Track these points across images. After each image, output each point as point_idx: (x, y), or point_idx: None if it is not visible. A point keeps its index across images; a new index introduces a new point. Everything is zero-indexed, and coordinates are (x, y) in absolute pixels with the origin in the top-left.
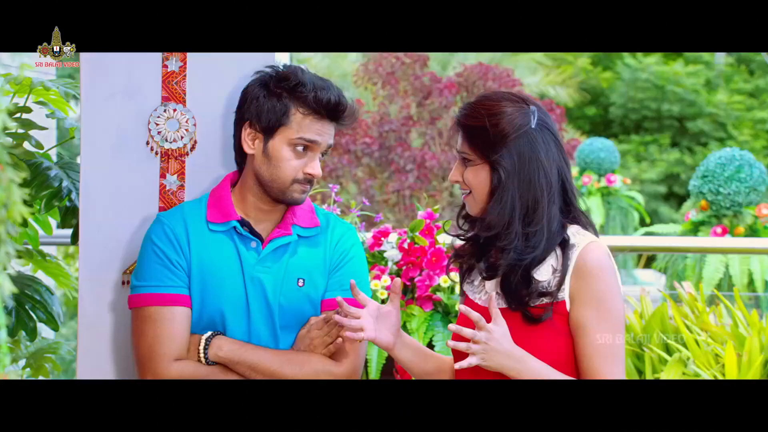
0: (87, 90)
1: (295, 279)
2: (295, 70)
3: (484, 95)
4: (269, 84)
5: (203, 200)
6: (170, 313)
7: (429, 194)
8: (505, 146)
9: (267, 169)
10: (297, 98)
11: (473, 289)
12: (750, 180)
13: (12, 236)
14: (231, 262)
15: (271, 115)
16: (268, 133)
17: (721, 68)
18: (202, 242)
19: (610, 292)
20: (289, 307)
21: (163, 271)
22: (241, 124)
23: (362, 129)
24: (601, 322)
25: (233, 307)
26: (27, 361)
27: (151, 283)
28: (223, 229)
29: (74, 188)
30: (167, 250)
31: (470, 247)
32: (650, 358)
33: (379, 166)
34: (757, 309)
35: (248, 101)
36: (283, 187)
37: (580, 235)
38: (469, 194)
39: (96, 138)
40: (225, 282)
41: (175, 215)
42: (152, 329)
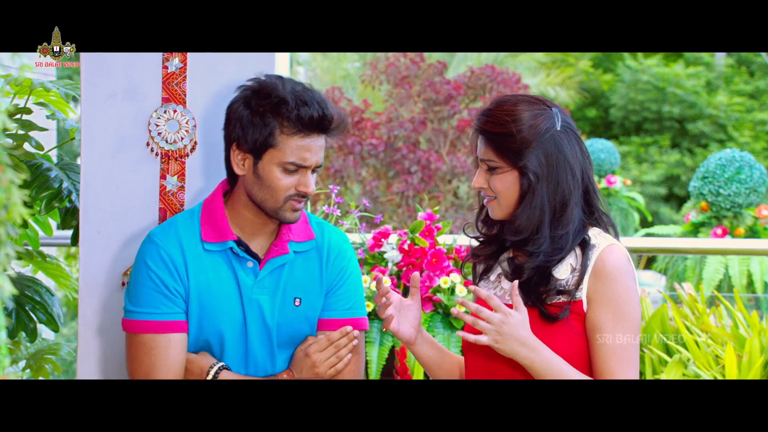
0: (87, 91)
1: (292, 298)
2: (275, 83)
3: (502, 100)
4: (251, 102)
5: (195, 215)
6: (166, 341)
7: (432, 196)
8: (532, 150)
9: (259, 189)
10: (280, 117)
11: (488, 285)
12: (750, 181)
13: (12, 237)
14: (228, 284)
15: (257, 137)
16: (256, 155)
17: (721, 70)
18: (198, 263)
19: (627, 296)
20: (287, 326)
21: (159, 298)
22: (229, 144)
23: (368, 130)
24: (617, 325)
25: (231, 329)
26: (27, 362)
27: (146, 310)
28: (219, 249)
29: (74, 189)
30: (163, 275)
31: (487, 247)
32: (650, 359)
33: (384, 167)
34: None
35: (233, 121)
36: (276, 207)
37: (601, 237)
38: (493, 200)
39: (96, 139)
40: (223, 304)
41: (169, 236)
42: (148, 357)
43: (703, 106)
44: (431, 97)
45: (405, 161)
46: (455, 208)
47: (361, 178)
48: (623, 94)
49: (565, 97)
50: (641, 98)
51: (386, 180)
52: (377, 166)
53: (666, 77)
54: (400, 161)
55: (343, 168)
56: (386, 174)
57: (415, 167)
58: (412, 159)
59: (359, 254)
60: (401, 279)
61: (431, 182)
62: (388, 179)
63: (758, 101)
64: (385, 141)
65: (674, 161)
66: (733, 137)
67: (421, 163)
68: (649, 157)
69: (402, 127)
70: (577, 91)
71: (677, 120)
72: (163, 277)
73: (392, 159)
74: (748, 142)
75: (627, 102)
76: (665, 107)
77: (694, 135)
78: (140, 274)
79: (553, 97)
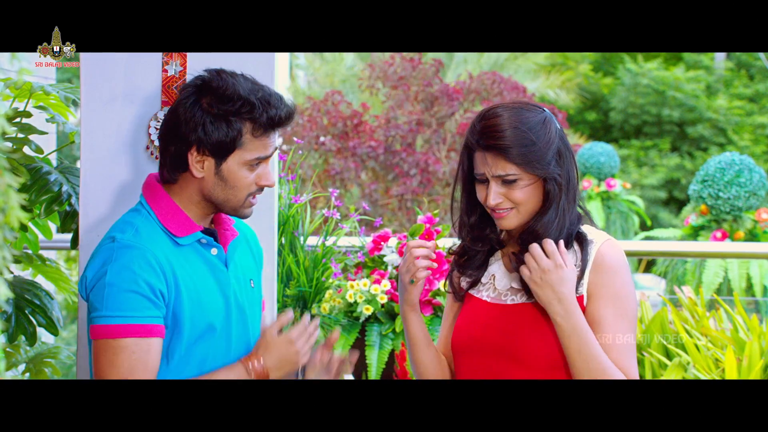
0: (87, 94)
1: (248, 280)
2: (228, 82)
3: (495, 113)
4: (211, 105)
5: (147, 215)
6: (147, 345)
7: (431, 199)
8: (552, 155)
9: (222, 190)
10: (249, 120)
11: (479, 288)
12: (750, 184)
13: (9, 241)
14: (205, 274)
15: (222, 139)
16: (219, 157)
17: (721, 73)
18: (176, 260)
19: (627, 290)
20: (251, 308)
21: (142, 301)
22: (183, 146)
23: (367, 133)
24: (617, 318)
25: (218, 319)
26: (27, 365)
27: (128, 313)
28: (189, 242)
29: (74, 193)
30: (150, 278)
31: (474, 259)
32: (650, 362)
33: (383, 170)
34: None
35: (190, 125)
36: (238, 205)
37: (595, 232)
38: (510, 210)
39: (96, 142)
40: (206, 295)
41: (143, 238)
42: (128, 362)
43: (703, 110)
44: (429, 98)
45: (404, 164)
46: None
47: (360, 181)
48: (623, 97)
49: (566, 101)
50: (641, 101)
51: (385, 183)
52: (376, 168)
53: (666, 81)
54: (399, 164)
55: (342, 171)
56: (385, 177)
57: (414, 170)
58: (411, 162)
59: (359, 257)
60: None
61: (430, 185)
62: (387, 182)
63: (758, 105)
64: (383, 143)
65: (674, 165)
66: (733, 141)
67: (419, 166)
68: (648, 161)
69: (399, 128)
70: (577, 95)
71: (677, 123)
72: (149, 280)
73: (391, 162)
74: (747, 145)
75: (627, 105)
76: (665, 111)
77: (694, 138)
78: (121, 278)
79: (554, 100)
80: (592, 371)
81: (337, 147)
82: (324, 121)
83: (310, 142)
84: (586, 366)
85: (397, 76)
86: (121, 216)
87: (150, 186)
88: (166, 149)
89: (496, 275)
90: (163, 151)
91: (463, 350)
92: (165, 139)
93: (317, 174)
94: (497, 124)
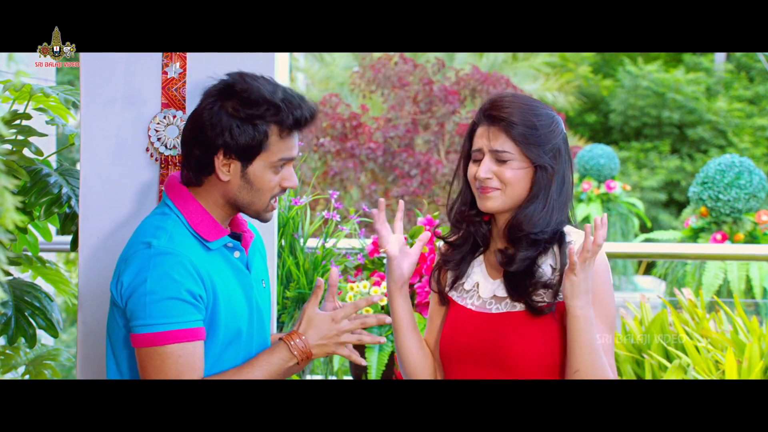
0: (87, 97)
1: (260, 280)
2: (252, 86)
3: (514, 94)
4: (238, 111)
5: (177, 220)
6: (193, 348)
7: (431, 201)
8: (551, 148)
9: (247, 193)
10: (276, 123)
11: (463, 295)
12: (749, 186)
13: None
14: (232, 278)
15: (249, 143)
16: (246, 159)
17: (720, 75)
18: (209, 265)
19: (606, 291)
20: (266, 309)
21: (185, 307)
22: (210, 150)
23: (367, 134)
24: (598, 319)
25: (245, 322)
26: (26, 367)
27: (172, 320)
28: (218, 246)
29: (74, 195)
30: (190, 284)
31: (458, 250)
32: (650, 364)
33: (383, 171)
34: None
35: (216, 129)
36: (261, 208)
37: (575, 233)
38: (495, 190)
39: (95, 145)
40: (235, 299)
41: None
42: (176, 367)
43: (702, 112)
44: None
45: (404, 165)
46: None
47: (360, 183)
48: (623, 99)
49: (565, 103)
50: (641, 104)
51: (385, 184)
52: (376, 170)
53: (666, 83)
54: (399, 165)
55: (342, 172)
56: (385, 178)
57: (414, 170)
58: (412, 163)
59: (359, 259)
60: None
61: (430, 186)
62: (386, 183)
63: (758, 107)
64: (382, 144)
65: (674, 167)
66: (733, 143)
67: (420, 167)
68: (648, 163)
69: (397, 129)
70: (576, 97)
71: (677, 125)
72: (189, 286)
73: (391, 164)
74: (747, 147)
75: (627, 107)
76: (665, 113)
77: (694, 140)
78: (162, 286)
79: (552, 102)
80: (596, 368)
81: (336, 149)
82: (323, 123)
83: (309, 143)
84: (591, 361)
85: (396, 77)
86: (148, 218)
87: (175, 188)
88: (191, 153)
89: (480, 283)
90: (188, 155)
91: (451, 359)
92: (190, 143)
93: (317, 176)
94: (506, 101)
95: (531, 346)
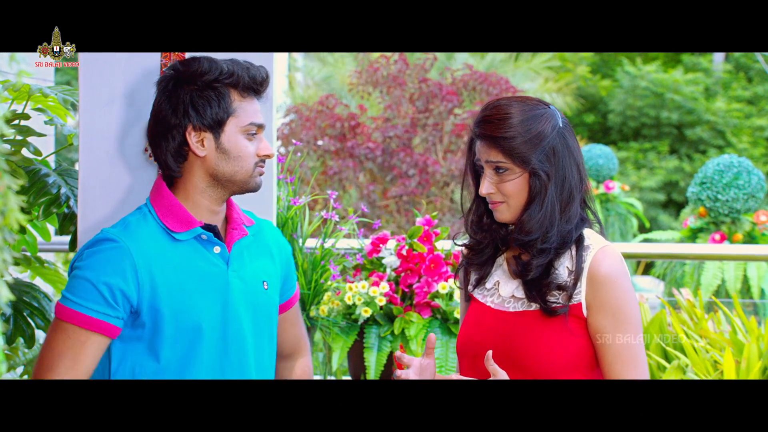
0: (85, 97)
1: (260, 282)
2: (200, 61)
3: (498, 103)
4: (192, 82)
5: (147, 213)
6: (85, 337)
7: (430, 201)
8: (542, 150)
9: (226, 163)
10: (230, 85)
11: (484, 293)
12: (748, 187)
13: (9, 243)
14: (200, 272)
15: (216, 110)
16: (216, 129)
17: (719, 76)
18: (163, 258)
19: (625, 298)
20: (261, 310)
21: (95, 295)
22: (178, 132)
23: (365, 134)
24: (619, 327)
25: (209, 317)
26: (25, 368)
27: (79, 301)
28: (187, 238)
29: (72, 195)
30: (112, 277)
31: (481, 253)
32: (649, 364)
33: (381, 171)
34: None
35: (179, 109)
36: (247, 176)
37: (594, 237)
38: (501, 203)
39: (94, 145)
40: (197, 293)
41: (127, 234)
42: (62, 346)
43: (701, 112)
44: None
45: (403, 165)
46: (452, 212)
47: (358, 183)
48: (621, 99)
49: (563, 104)
50: (640, 104)
51: (383, 184)
52: (374, 170)
53: (664, 83)
54: (398, 165)
55: (340, 172)
56: (383, 178)
57: (412, 170)
58: (410, 163)
59: (357, 259)
60: (399, 284)
61: (428, 187)
62: (385, 183)
63: (756, 107)
64: (381, 143)
65: (673, 167)
66: (732, 143)
67: (418, 166)
68: (647, 163)
69: (396, 128)
70: (575, 97)
71: (676, 126)
72: (110, 278)
73: (389, 163)
74: (746, 147)
75: (625, 108)
76: (664, 113)
77: (693, 141)
78: (89, 268)
79: (551, 102)
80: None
81: (334, 148)
82: (321, 123)
83: (308, 143)
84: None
85: (390, 77)
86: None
87: (155, 186)
88: (162, 147)
89: (501, 281)
90: (160, 150)
91: (466, 354)
92: (158, 136)
93: (315, 176)
94: (491, 114)
95: (542, 346)
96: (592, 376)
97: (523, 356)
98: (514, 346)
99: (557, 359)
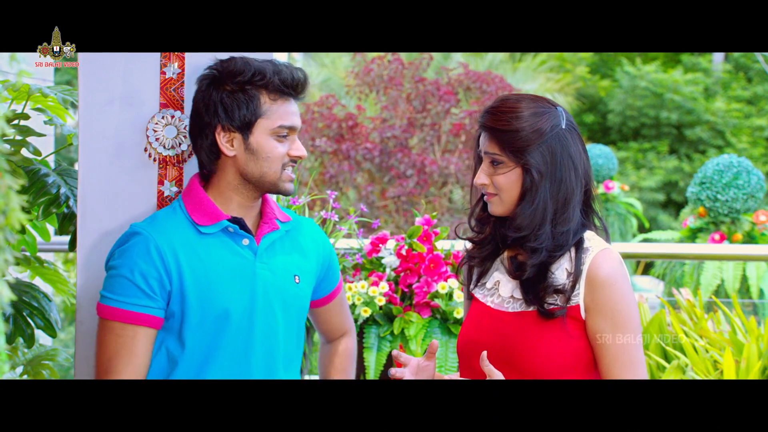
0: (85, 97)
1: (291, 276)
2: (236, 61)
3: (507, 97)
4: (225, 83)
5: (177, 208)
6: (133, 332)
7: (428, 201)
8: (537, 148)
9: (255, 164)
10: (263, 86)
11: (485, 292)
12: (748, 187)
13: (10, 243)
14: (228, 263)
15: (244, 112)
16: (245, 130)
17: (719, 76)
18: (190, 250)
19: (624, 301)
20: (292, 304)
21: (134, 290)
22: (210, 131)
23: (363, 135)
24: (617, 330)
25: (237, 306)
26: (25, 368)
27: (119, 298)
28: (214, 231)
29: (72, 195)
30: (146, 269)
31: (483, 248)
32: (648, 364)
33: (379, 171)
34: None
35: (210, 109)
36: (275, 178)
37: (595, 240)
38: (494, 196)
39: (94, 145)
40: (225, 283)
41: (155, 227)
42: (114, 344)
43: (701, 112)
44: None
45: (400, 165)
46: (451, 212)
47: (357, 184)
48: (621, 99)
49: (563, 104)
50: (639, 104)
51: (381, 185)
52: (372, 170)
53: (664, 83)
54: (396, 165)
55: (338, 173)
56: (381, 179)
57: (410, 171)
58: (407, 163)
59: (357, 259)
60: (399, 284)
61: (426, 187)
62: (383, 184)
63: (756, 107)
64: (379, 144)
65: (672, 167)
66: (731, 143)
67: (416, 167)
68: (647, 163)
69: (393, 129)
70: (574, 97)
71: (675, 126)
72: (145, 270)
73: (387, 164)
74: (746, 147)
75: (625, 108)
76: (663, 113)
77: (692, 141)
78: (122, 265)
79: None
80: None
81: (332, 149)
82: (319, 124)
83: (306, 144)
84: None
85: (387, 77)
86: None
87: (188, 184)
88: (197, 144)
89: (501, 281)
90: (196, 147)
91: (465, 353)
92: (194, 134)
93: (313, 177)
94: (495, 107)
95: (540, 347)
96: (590, 378)
97: (521, 357)
98: (512, 346)
99: (555, 361)
